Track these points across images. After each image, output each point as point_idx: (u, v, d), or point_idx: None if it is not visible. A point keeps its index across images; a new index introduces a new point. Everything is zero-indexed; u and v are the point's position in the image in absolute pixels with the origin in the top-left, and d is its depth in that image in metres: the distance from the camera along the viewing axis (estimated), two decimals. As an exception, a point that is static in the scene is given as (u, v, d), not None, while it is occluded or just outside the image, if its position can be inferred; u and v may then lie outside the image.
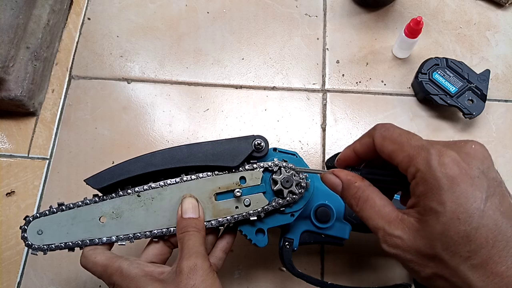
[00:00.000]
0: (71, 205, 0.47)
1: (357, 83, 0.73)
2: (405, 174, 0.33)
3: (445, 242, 0.30)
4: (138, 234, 0.47)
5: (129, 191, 0.47)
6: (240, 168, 0.48)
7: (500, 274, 0.29)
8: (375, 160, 0.38)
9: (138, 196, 0.47)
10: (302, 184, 0.48)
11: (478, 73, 0.69)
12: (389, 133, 0.35)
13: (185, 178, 0.47)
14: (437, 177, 0.30)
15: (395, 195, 0.43)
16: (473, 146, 0.32)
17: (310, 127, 0.70)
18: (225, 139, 0.48)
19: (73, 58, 0.75)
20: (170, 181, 0.48)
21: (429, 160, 0.31)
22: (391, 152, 0.34)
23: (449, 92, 0.68)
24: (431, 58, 0.70)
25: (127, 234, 0.47)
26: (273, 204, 0.48)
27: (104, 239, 0.47)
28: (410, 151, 0.33)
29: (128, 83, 0.73)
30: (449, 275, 0.31)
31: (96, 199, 0.47)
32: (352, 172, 0.39)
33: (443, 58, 0.70)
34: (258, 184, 0.48)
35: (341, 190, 0.38)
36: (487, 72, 0.69)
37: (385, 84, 0.73)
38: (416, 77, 0.70)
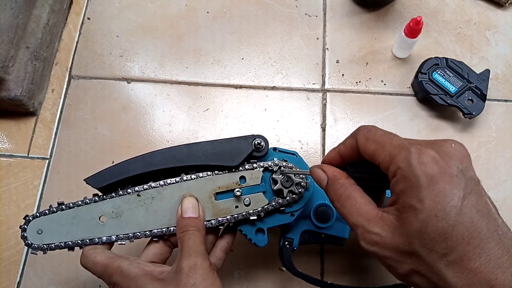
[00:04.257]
0: (71, 204, 0.47)
1: (357, 83, 0.73)
2: (386, 173, 0.34)
3: (423, 239, 0.31)
4: (138, 233, 0.47)
5: (129, 190, 0.47)
6: (240, 168, 0.48)
7: (473, 270, 0.30)
8: (360, 163, 0.39)
9: (138, 195, 0.47)
10: (302, 183, 0.48)
11: (478, 73, 0.69)
12: (371, 134, 0.36)
13: (185, 178, 0.47)
14: (417, 175, 0.31)
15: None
16: (452, 145, 0.33)
17: (310, 127, 0.70)
18: (225, 138, 0.48)
19: (73, 58, 0.75)
20: (170, 180, 0.48)
21: (409, 158, 0.32)
22: (373, 151, 0.35)
23: (449, 92, 0.68)
24: (431, 58, 0.70)
25: (127, 234, 0.47)
26: (273, 203, 0.48)
27: (104, 238, 0.47)
28: (391, 150, 0.33)
29: (128, 83, 0.73)
30: (426, 271, 0.32)
31: (96, 198, 0.47)
32: (338, 169, 0.39)
33: (443, 58, 0.70)
34: (258, 184, 0.48)
35: (326, 185, 0.39)
36: (487, 72, 0.69)
37: (385, 84, 0.73)
38: (416, 77, 0.70)
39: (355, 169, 0.39)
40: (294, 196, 0.48)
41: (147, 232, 0.47)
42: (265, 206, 0.48)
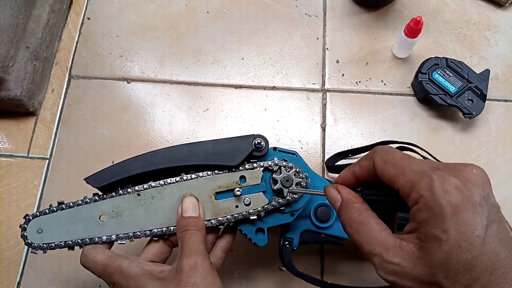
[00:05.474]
0: (71, 204, 0.47)
1: (357, 83, 0.73)
2: (406, 198, 0.33)
3: (447, 270, 0.30)
4: (138, 233, 0.47)
5: (129, 190, 0.47)
6: (240, 167, 0.48)
7: None
8: (374, 184, 0.38)
9: (138, 195, 0.47)
10: (302, 183, 0.48)
11: (478, 72, 0.69)
12: (390, 156, 0.35)
13: (185, 177, 0.47)
14: (441, 205, 0.30)
15: None
16: (473, 171, 0.32)
17: (310, 127, 0.70)
18: (225, 138, 0.48)
19: (73, 58, 0.75)
20: (170, 180, 0.47)
21: (432, 186, 0.31)
22: (392, 176, 0.34)
23: (449, 91, 0.68)
24: (431, 58, 0.70)
25: (127, 233, 0.47)
26: (273, 203, 0.48)
27: (104, 238, 0.47)
28: (412, 176, 0.33)
29: (128, 82, 0.73)
30: None
31: (96, 198, 0.47)
32: (354, 192, 0.38)
33: (443, 58, 0.70)
34: (258, 183, 0.48)
35: (339, 207, 0.38)
36: (486, 71, 0.69)
37: (385, 84, 0.73)
38: (416, 76, 0.70)
39: (370, 191, 0.38)
40: (294, 195, 0.48)
41: (147, 231, 0.47)
42: (265, 206, 0.48)
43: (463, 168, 0.32)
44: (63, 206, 0.47)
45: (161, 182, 0.47)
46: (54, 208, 0.47)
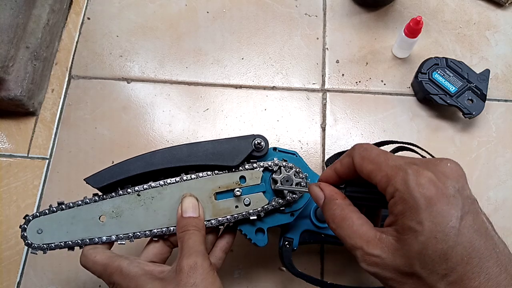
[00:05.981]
0: (71, 204, 0.47)
1: (356, 82, 0.73)
2: (383, 193, 0.34)
3: (423, 261, 0.31)
4: (138, 233, 0.47)
5: (129, 190, 0.47)
6: (240, 168, 0.48)
7: None
8: (357, 180, 0.39)
9: (138, 195, 0.47)
10: (302, 183, 0.48)
11: (477, 72, 0.69)
12: (367, 153, 0.36)
13: (185, 178, 0.47)
14: (415, 197, 0.31)
15: None
16: (448, 165, 0.33)
17: (310, 127, 0.70)
18: (225, 138, 0.48)
19: (73, 58, 0.75)
20: (170, 180, 0.47)
21: (406, 180, 0.32)
22: (370, 172, 0.35)
23: (448, 91, 0.68)
24: (431, 57, 0.70)
25: (127, 233, 0.47)
26: (273, 203, 0.48)
27: (104, 238, 0.47)
28: (388, 171, 0.34)
29: (128, 82, 0.73)
30: None
31: (96, 198, 0.47)
32: (336, 189, 0.39)
33: (443, 57, 0.70)
34: (258, 184, 0.48)
35: (322, 204, 0.39)
36: (486, 71, 0.69)
37: (385, 84, 0.73)
38: (416, 76, 0.70)
39: (352, 189, 0.39)
40: (294, 196, 0.48)
41: (147, 232, 0.47)
42: (265, 206, 0.48)
43: (438, 162, 0.33)
44: (63, 206, 0.47)
45: (161, 182, 0.47)
46: (54, 209, 0.47)
